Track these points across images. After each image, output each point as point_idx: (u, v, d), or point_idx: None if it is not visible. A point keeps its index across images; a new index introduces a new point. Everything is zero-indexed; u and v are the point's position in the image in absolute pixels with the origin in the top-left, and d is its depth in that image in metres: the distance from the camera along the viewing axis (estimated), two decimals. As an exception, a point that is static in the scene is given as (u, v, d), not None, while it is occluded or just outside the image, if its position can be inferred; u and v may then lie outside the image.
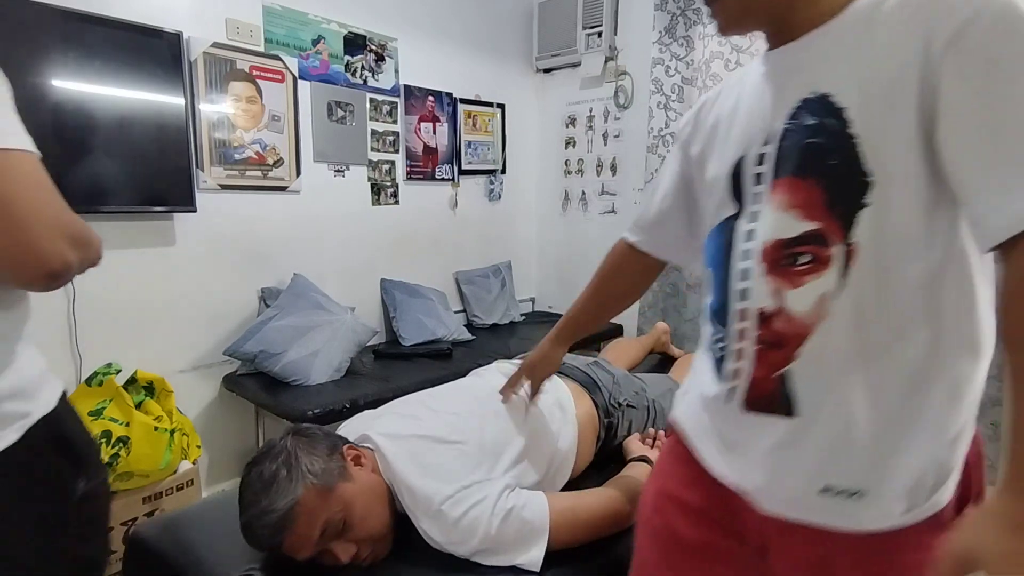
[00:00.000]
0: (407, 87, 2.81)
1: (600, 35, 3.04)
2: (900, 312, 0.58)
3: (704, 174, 0.75)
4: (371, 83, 2.67)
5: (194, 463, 1.94)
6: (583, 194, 3.36)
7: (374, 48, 2.66)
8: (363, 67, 2.63)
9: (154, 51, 1.92)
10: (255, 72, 2.24)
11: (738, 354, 0.66)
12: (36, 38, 1.69)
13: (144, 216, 2.01)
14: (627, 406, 1.46)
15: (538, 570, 1.00)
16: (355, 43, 2.59)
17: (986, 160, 0.50)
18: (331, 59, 2.51)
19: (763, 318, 0.63)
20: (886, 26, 0.55)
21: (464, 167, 3.14)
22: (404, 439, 1.13)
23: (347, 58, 2.56)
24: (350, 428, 1.26)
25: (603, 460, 1.41)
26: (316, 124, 2.47)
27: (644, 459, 1.29)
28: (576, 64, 3.22)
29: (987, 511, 0.51)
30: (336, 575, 1.00)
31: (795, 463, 0.64)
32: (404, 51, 2.78)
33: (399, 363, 2.45)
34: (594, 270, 1.09)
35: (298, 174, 2.42)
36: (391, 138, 2.78)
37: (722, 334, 0.69)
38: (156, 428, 1.76)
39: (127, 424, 1.70)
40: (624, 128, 3.12)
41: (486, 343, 2.78)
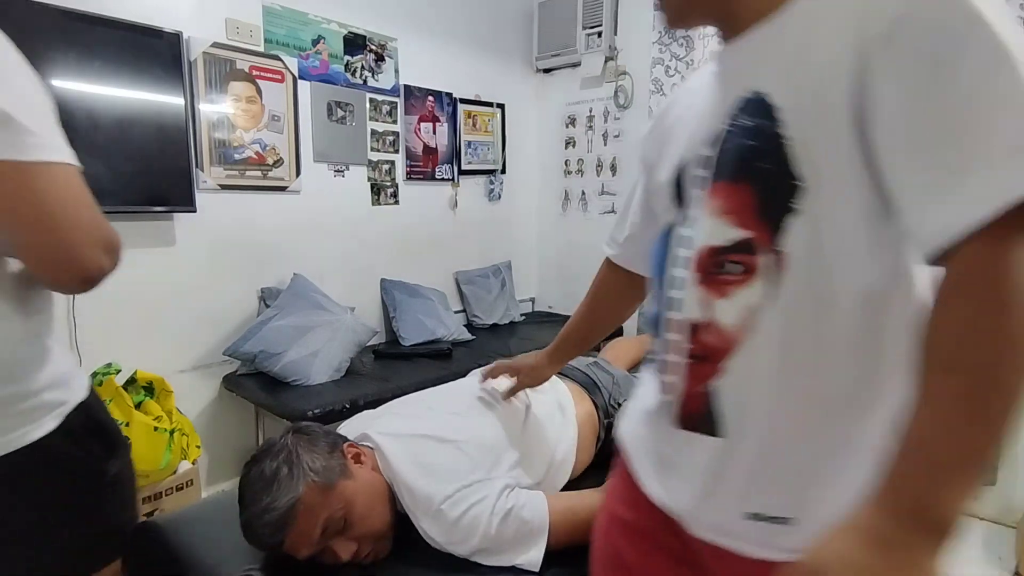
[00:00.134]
0: (407, 87, 2.81)
1: (600, 35, 3.04)
2: (834, 332, 0.53)
3: (656, 179, 0.71)
4: (371, 83, 2.67)
5: (194, 463, 1.94)
6: (583, 194, 3.36)
7: (374, 48, 2.66)
8: (363, 67, 2.63)
9: (154, 51, 1.92)
10: (255, 72, 2.24)
11: (672, 367, 0.63)
12: (36, 38, 1.69)
13: (144, 216, 2.02)
14: (627, 406, 1.46)
15: (537, 570, 1.00)
16: (355, 43, 2.59)
17: (920, 164, 0.46)
18: (331, 59, 2.51)
19: (694, 329, 0.59)
20: (824, 20, 0.51)
21: (464, 167, 3.14)
22: (404, 438, 1.13)
23: (347, 58, 2.57)
24: (350, 428, 1.26)
25: (603, 460, 1.41)
26: (316, 124, 2.47)
27: None
28: (576, 64, 3.22)
29: (852, 525, 0.47)
30: (336, 575, 1.00)
31: (722, 486, 0.60)
32: (404, 51, 2.78)
33: (399, 363, 2.45)
34: (594, 271, 1.08)
35: (298, 174, 2.43)
36: (391, 138, 2.78)
37: (658, 345, 0.66)
38: (156, 428, 1.76)
39: (127, 424, 1.70)
40: (624, 128, 3.13)
41: (486, 343, 2.77)
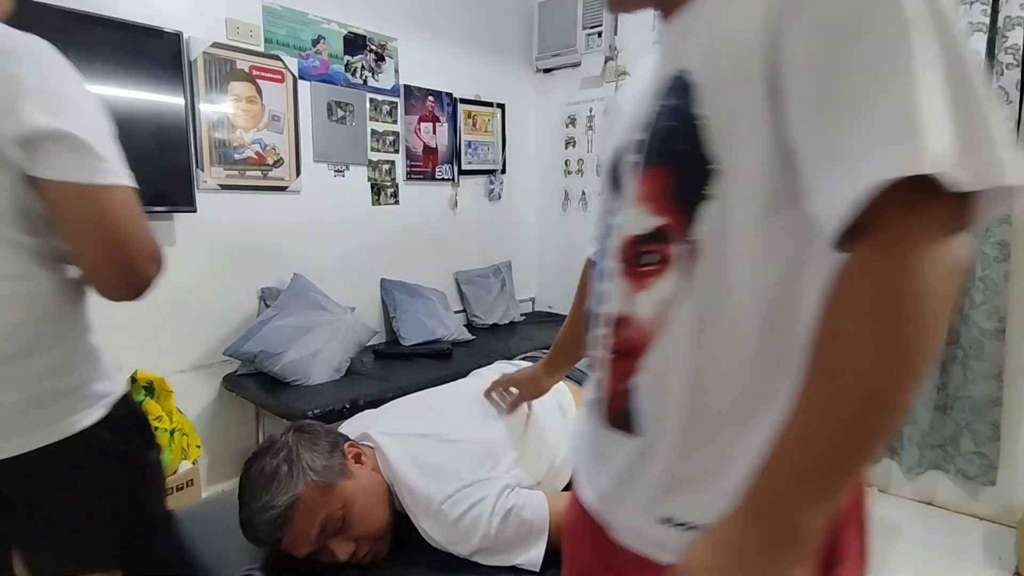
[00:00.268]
0: (407, 87, 2.81)
1: (600, 35, 3.04)
2: (745, 329, 0.49)
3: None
4: (371, 83, 2.67)
5: (194, 463, 1.94)
6: (583, 194, 3.35)
7: (374, 48, 2.66)
8: (363, 67, 2.63)
9: (154, 51, 1.92)
10: (255, 72, 2.24)
11: (600, 363, 0.60)
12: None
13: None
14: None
15: (538, 570, 1.00)
16: (355, 43, 2.59)
17: (819, 142, 0.42)
18: (331, 59, 2.51)
19: (617, 324, 0.57)
20: None
21: (464, 167, 3.14)
22: (405, 438, 1.13)
23: (347, 58, 2.57)
24: (350, 427, 1.26)
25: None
26: (316, 124, 2.47)
27: None
28: (576, 64, 3.22)
29: (716, 532, 0.46)
30: (336, 575, 1.00)
31: (638, 488, 0.57)
32: (404, 51, 2.78)
33: (399, 363, 2.45)
34: None
35: (298, 174, 2.43)
36: (391, 138, 2.78)
37: (590, 341, 0.64)
38: (156, 428, 1.76)
39: (127, 424, 1.70)
40: (624, 128, 3.12)
41: (486, 343, 2.77)
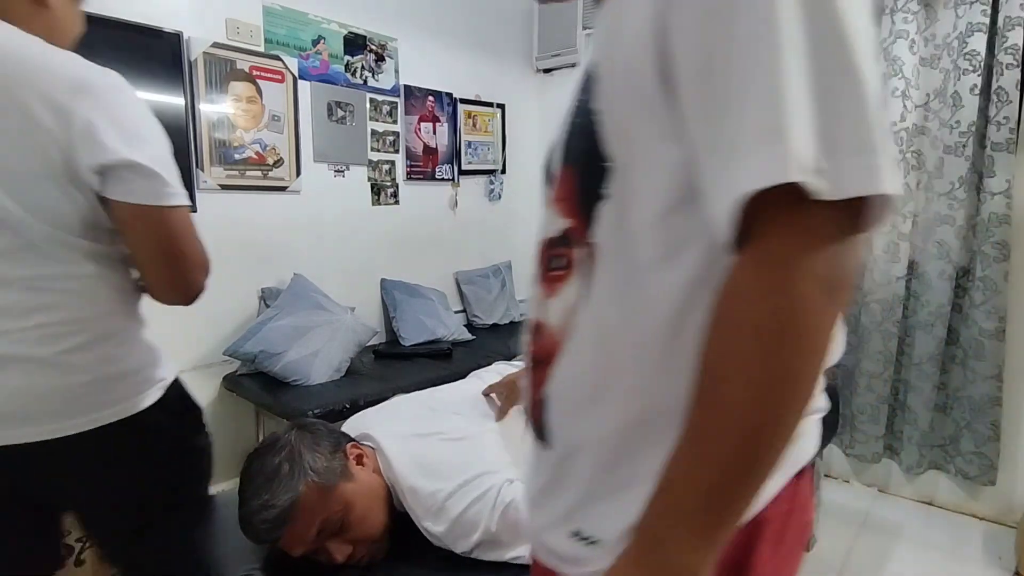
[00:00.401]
0: (407, 87, 2.81)
1: (600, 35, 3.05)
2: (643, 338, 0.45)
3: None
4: (371, 83, 2.67)
5: (194, 463, 1.94)
6: (583, 194, 3.35)
7: (374, 48, 2.66)
8: (363, 67, 2.63)
9: (154, 51, 1.92)
10: (255, 72, 2.24)
11: (525, 372, 0.58)
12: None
13: (144, 216, 2.01)
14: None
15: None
16: (355, 43, 2.59)
17: (706, 138, 0.39)
18: (331, 59, 2.51)
19: (535, 330, 0.54)
20: None
21: (464, 167, 3.14)
22: (405, 438, 1.13)
23: (347, 58, 2.56)
24: (351, 427, 1.26)
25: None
26: (316, 124, 2.47)
27: None
28: (576, 64, 3.22)
29: (608, 572, 0.44)
30: (336, 575, 1.00)
31: (551, 500, 0.54)
32: (404, 51, 2.78)
33: (399, 363, 2.45)
34: None
35: (298, 174, 2.42)
36: (391, 138, 2.78)
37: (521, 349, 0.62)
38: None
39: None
40: (624, 128, 3.12)
41: (486, 343, 2.78)
